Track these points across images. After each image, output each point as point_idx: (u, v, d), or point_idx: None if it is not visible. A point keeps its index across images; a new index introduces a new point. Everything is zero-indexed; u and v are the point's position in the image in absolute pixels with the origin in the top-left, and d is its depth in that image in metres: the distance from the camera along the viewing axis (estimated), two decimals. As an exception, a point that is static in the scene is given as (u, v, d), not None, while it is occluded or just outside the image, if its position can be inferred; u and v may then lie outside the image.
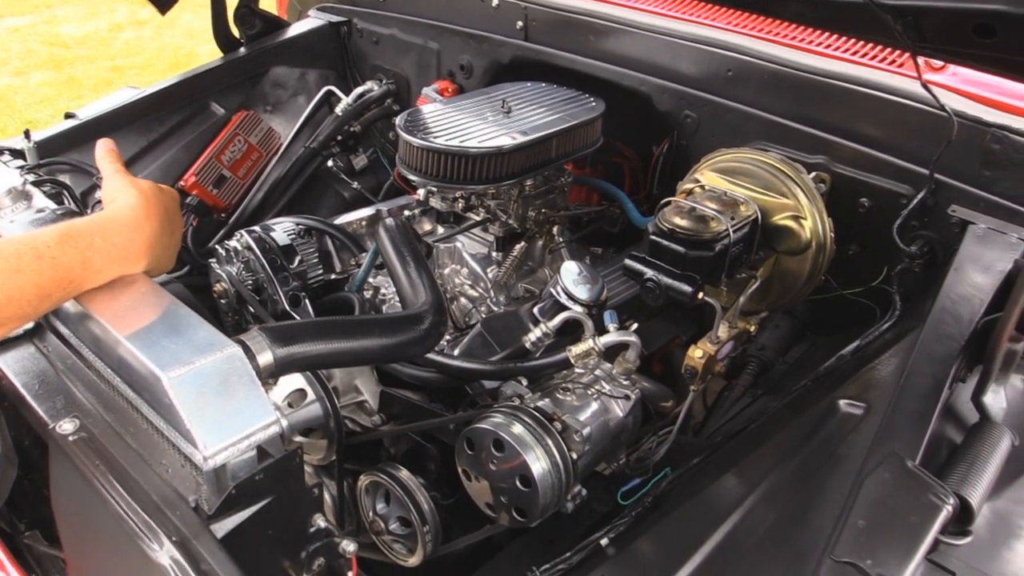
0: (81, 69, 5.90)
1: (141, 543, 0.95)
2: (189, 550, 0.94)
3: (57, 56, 6.21)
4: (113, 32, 6.61)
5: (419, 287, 1.43)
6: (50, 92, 5.36)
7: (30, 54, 6.22)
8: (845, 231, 1.70)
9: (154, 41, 6.45)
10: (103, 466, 1.04)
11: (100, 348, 1.15)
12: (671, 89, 1.88)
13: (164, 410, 1.04)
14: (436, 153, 1.71)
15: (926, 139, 1.57)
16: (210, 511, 1.00)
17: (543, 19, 2.10)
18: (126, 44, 6.44)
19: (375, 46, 2.48)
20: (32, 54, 6.22)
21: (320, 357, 1.17)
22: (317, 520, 1.16)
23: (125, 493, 1.00)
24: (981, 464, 1.25)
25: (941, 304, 1.39)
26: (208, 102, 2.34)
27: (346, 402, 1.75)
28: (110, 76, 5.68)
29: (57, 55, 6.23)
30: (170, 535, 0.95)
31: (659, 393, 1.79)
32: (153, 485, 1.02)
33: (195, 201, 2.19)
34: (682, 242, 1.43)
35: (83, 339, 1.19)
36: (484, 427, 1.37)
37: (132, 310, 1.13)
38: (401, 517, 1.64)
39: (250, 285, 1.79)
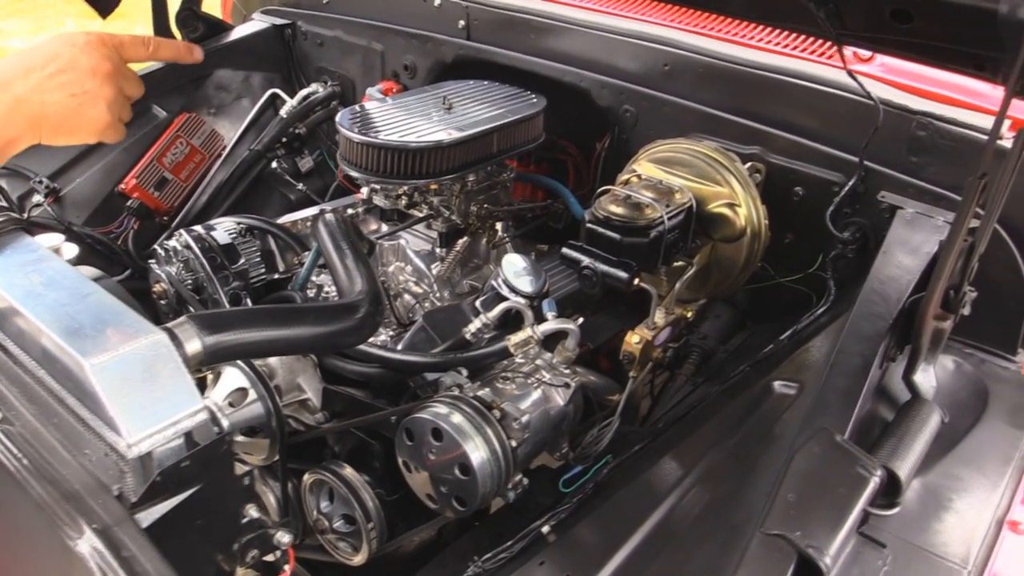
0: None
1: (61, 533, 0.93)
2: (110, 538, 0.92)
3: (3, 69, 6.09)
4: (62, 45, 6.49)
5: (355, 278, 1.43)
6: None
7: (-26, 67, 6.10)
8: (781, 220, 1.73)
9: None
10: (24, 457, 1.01)
11: (23, 340, 1.13)
12: (610, 84, 1.90)
13: (87, 399, 1.02)
14: (376, 148, 1.71)
15: (855, 127, 1.61)
16: (134, 500, 0.99)
17: (485, 18, 2.11)
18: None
19: (320, 48, 2.47)
20: (-24, 67, 6.10)
21: (251, 345, 1.16)
22: (249, 511, 1.15)
23: (46, 483, 0.98)
24: (910, 439, 1.27)
25: (870, 285, 1.42)
26: (150, 105, 2.31)
27: (289, 400, 1.73)
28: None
29: (3, 68, 6.11)
30: (91, 524, 0.93)
31: (605, 387, 1.80)
32: (75, 475, 1.00)
33: (136, 204, 2.16)
34: (617, 229, 1.44)
35: (7, 332, 1.17)
36: (423, 417, 1.37)
37: (57, 302, 1.11)
38: (345, 515, 1.63)
39: (190, 285, 1.77)
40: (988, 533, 1.22)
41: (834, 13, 1.33)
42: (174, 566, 1.04)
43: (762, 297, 1.83)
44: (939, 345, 1.44)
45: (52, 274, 1.18)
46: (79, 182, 2.14)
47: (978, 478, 1.31)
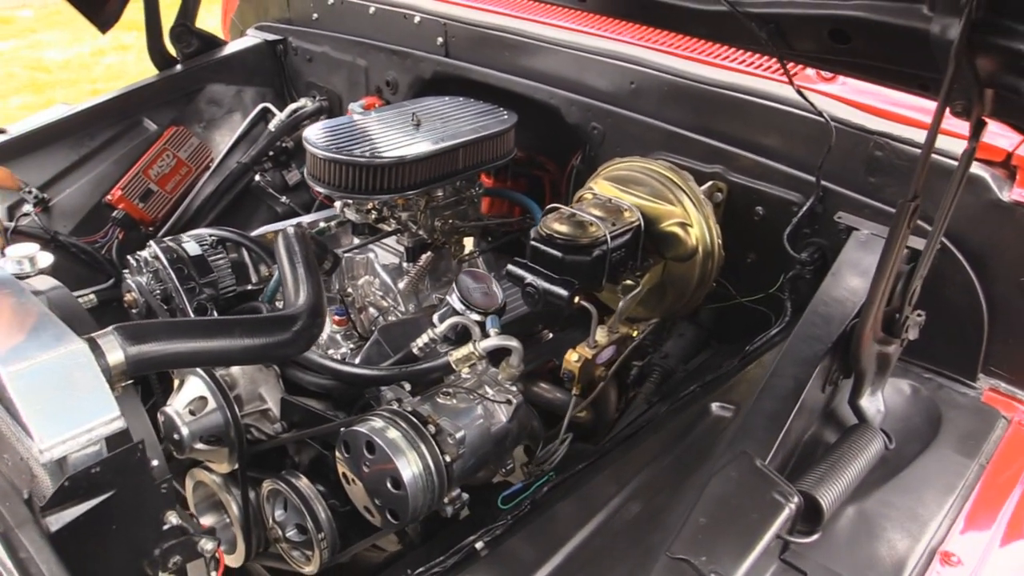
0: (61, 92, 5.97)
1: (-35, 535, 0.96)
2: (9, 540, 0.95)
3: (38, 80, 6.30)
4: (96, 57, 6.70)
5: (301, 291, 1.45)
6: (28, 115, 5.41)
7: (11, 78, 6.31)
8: (743, 239, 1.72)
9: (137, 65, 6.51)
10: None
11: (-41, 347, 1.17)
12: (578, 102, 1.91)
13: (7, 404, 1.05)
14: (339, 164, 1.73)
15: (814, 147, 1.60)
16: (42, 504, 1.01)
17: (462, 35, 2.13)
18: (108, 68, 6.53)
19: (309, 64, 2.52)
20: (13, 78, 6.31)
21: (176, 356, 1.19)
22: (170, 517, 1.16)
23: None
24: (843, 465, 1.25)
25: (814, 307, 1.40)
26: (141, 118, 2.37)
27: (250, 410, 1.75)
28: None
29: (38, 79, 6.31)
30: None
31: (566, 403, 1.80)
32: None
33: (121, 215, 2.22)
34: (560, 247, 1.45)
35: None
36: (357, 430, 1.38)
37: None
38: (299, 524, 1.65)
39: (159, 295, 1.81)
40: (919, 564, 1.20)
41: (776, 33, 1.33)
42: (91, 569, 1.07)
43: (726, 317, 1.81)
44: (886, 370, 1.41)
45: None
46: (68, 192, 2.21)
47: (916, 507, 1.29)
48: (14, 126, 2.24)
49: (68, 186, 2.22)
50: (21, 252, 1.71)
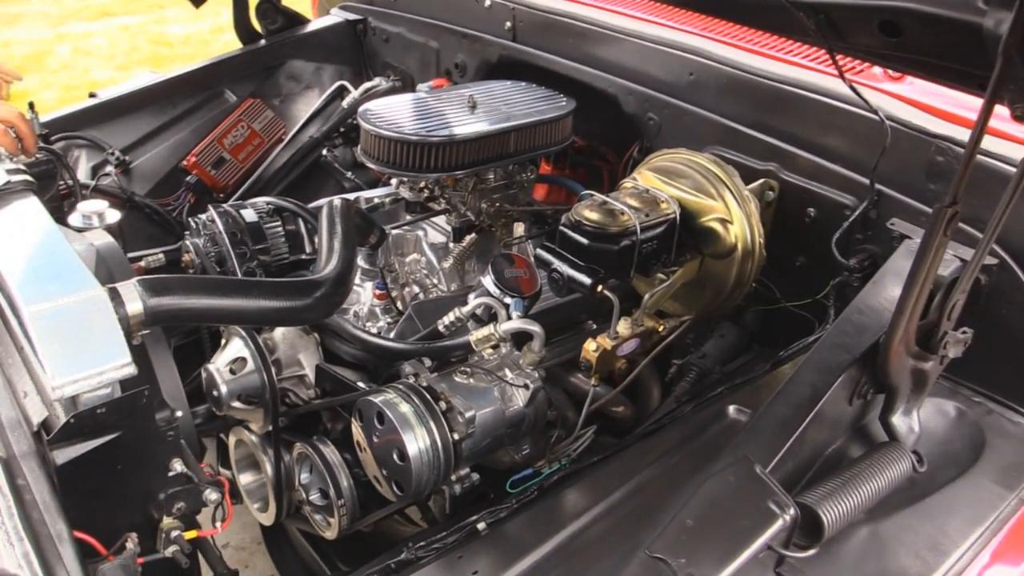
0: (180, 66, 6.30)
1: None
2: (10, 466, 1.01)
3: (159, 53, 6.64)
4: (215, 34, 7.01)
5: (332, 259, 1.48)
6: (147, 87, 5.73)
7: (135, 51, 6.68)
8: (792, 241, 1.65)
9: (252, 43, 6.80)
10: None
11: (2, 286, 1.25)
12: (636, 91, 1.87)
13: (30, 341, 1.12)
14: (389, 141, 1.76)
15: (872, 149, 1.52)
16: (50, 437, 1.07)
17: (529, 20, 2.13)
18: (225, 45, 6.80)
19: (386, 44, 2.56)
20: (137, 51, 6.68)
21: (193, 311, 1.23)
22: (175, 464, 1.21)
23: (-21, 413, 1.08)
24: (857, 482, 1.19)
25: (847, 315, 1.33)
26: (222, 89, 2.47)
27: (288, 375, 1.81)
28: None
29: (160, 52, 6.66)
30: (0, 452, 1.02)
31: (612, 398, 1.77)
32: (4, 407, 1.10)
33: (194, 180, 2.32)
34: (587, 234, 1.42)
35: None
36: (370, 400, 1.40)
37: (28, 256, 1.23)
38: (321, 489, 1.69)
39: (213, 257, 1.88)
40: (928, 596, 1.12)
41: (825, 24, 1.27)
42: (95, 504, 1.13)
43: (771, 321, 1.75)
44: (923, 388, 1.33)
45: (36, 231, 1.30)
46: (148, 156, 2.32)
47: (937, 535, 1.21)
48: (104, 91, 2.37)
49: (149, 150, 2.34)
50: (91, 208, 1.82)
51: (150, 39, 6.98)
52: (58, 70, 6.30)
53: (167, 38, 7.01)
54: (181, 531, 1.20)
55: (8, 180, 1.41)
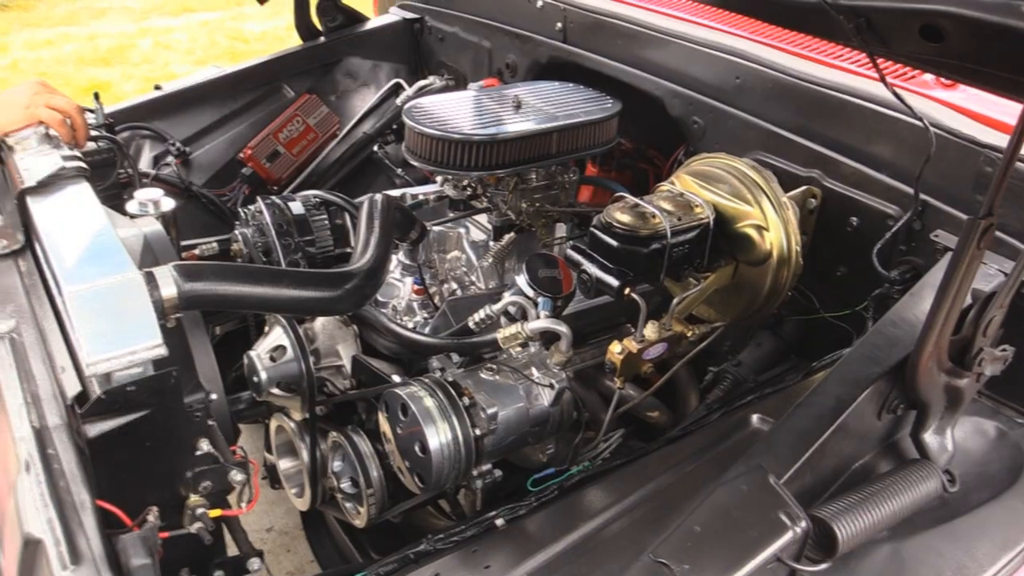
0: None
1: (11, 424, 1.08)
2: (43, 436, 1.06)
3: (236, 49, 6.85)
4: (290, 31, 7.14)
5: (367, 252, 1.50)
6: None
7: (213, 46, 6.91)
8: (834, 251, 1.62)
9: (324, 41, 6.96)
10: (12, 359, 1.18)
11: (48, 266, 1.31)
12: (681, 94, 1.86)
13: (68, 319, 1.17)
14: (432, 139, 1.78)
15: (919, 158, 1.47)
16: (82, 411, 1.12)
17: (579, 21, 2.12)
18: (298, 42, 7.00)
19: (441, 43, 2.59)
20: (215, 46, 6.91)
21: (225, 297, 1.27)
22: (202, 444, 1.25)
23: (17, 382, 1.14)
24: (879, 498, 1.16)
25: (880, 328, 1.30)
26: (281, 84, 2.54)
27: (326, 364, 1.85)
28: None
29: (236, 48, 6.87)
30: (33, 422, 1.08)
31: (646, 402, 1.77)
32: (44, 380, 1.16)
33: (249, 172, 2.39)
34: (617, 236, 1.42)
35: (45, 258, 1.36)
36: (395, 391, 1.43)
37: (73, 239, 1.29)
38: (352, 477, 1.72)
39: (260, 247, 1.94)
40: (948, 620, 1.09)
41: (865, 28, 1.24)
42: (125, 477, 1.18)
43: (810, 331, 1.71)
44: (958, 405, 1.29)
45: (83, 216, 1.36)
46: (207, 148, 2.40)
47: (964, 558, 1.17)
48: (168, 84, 2.46)
49: (208, 142, 2.42)
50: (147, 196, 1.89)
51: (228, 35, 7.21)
52: (139, 63, 6.56)
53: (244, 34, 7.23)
54: (206, 509, 1.25)
55: (62, 166, 1.48)
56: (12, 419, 1.09)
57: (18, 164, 1.51)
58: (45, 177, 1.44)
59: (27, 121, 1.60)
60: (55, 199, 1.42)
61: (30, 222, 1.42)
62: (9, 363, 1.19)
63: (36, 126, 1.61)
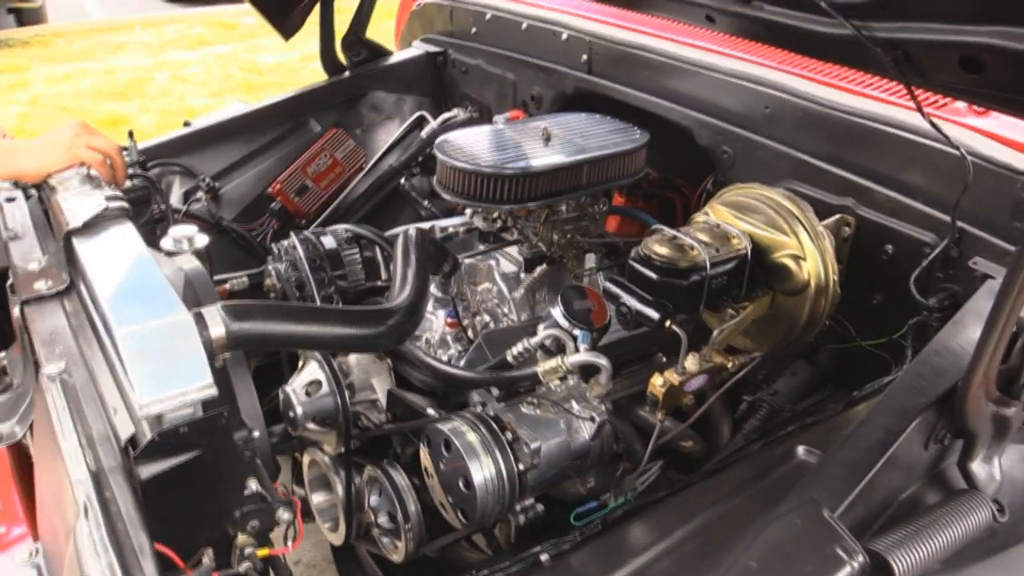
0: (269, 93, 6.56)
1: (66, 467, 1.09)
2: (100, 479, 1.07)
3: (251, 81, 6.94)
4: (304, 62, 7.27)
5: (406, 288, 1.52)
6: (235, 113, 6.00)
7: (228, 78, 7.00)
8: (869, 279, 1.62)
9: (337, 72, 7.05)
10: (64, 402, 1.20)
11: (96, 307, 1.33)
12: (710, 124, 1.87)
13: (120, 360, 1.18)
14: (464, 173, 1.79)
15: (953, 185, 1.48)
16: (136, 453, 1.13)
17: (605, 53, 2.15)
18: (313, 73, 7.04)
19: (465, 75, 2.62)
20: (230, 78, 6.99)
21: (272, 336, 1.29)
22: (251, 483, 1.26)
23: (71, 425, 1.15)
24: (932, 530, 1.15)
25: (924, 357, 1.30)
26: (308, 119, 2.57)
27: (361, 399, 1.85)
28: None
29: (251, 80, 6.96)
30: (90, 464, 1.09)
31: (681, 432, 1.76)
32: (97, 423, 1.17)
33: (278, 206, 2.41)
34: (656, 269, 1.42)
35: (92, 299, 1.38)
36: (438, 427, 1.43)
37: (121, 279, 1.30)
38: (390, 512, 1.72)
39: (293, 282, 1.95)
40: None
41: (903, 59, 1.25)
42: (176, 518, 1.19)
43: (846, 359, 1.71)
44: (1005, 434, 1.28)
45: (129, 256, 1.38)
46: (236, 183, 2.43)
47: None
48: (197, 120, 2.49)
49: (237, 177, 2.45)
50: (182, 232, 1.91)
51: (243, 67, 7.29)
52: (157, 96, 6.65)
53: (259, 66, 7.32)
54: (254, 548, 1.25)
55: (106, 206, 1.51)
56: (68, 462, 1.10)
57: (62, 205, 1.53)
58: (90, 218, 1.46)
59: (70, 162, 1.63)
60: (101, 240, 1.44)
61: (76, 263, 1.44)
62: (62, 405, 1.20)
63: (78, 167, 1.64)
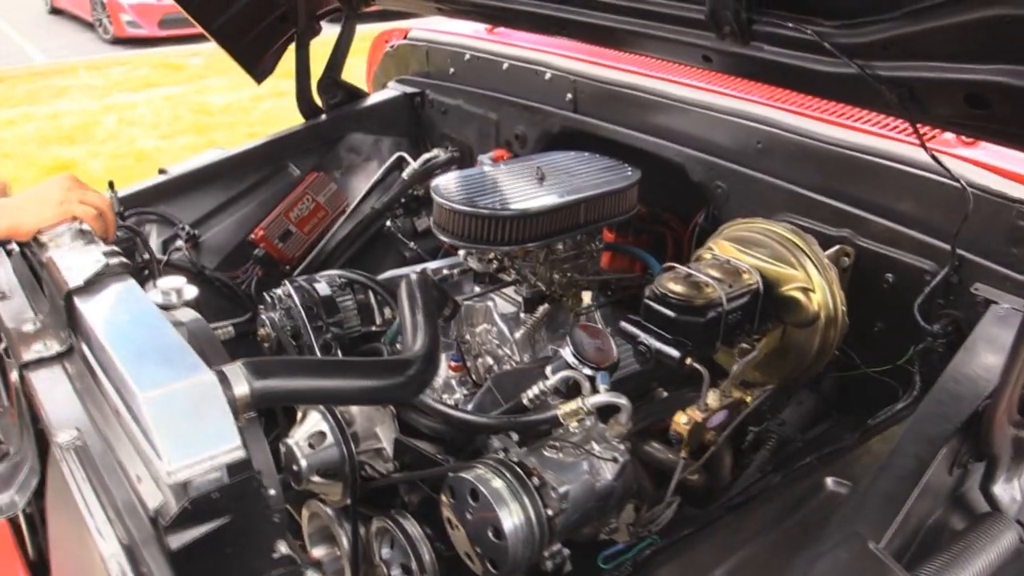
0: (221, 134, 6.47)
1: (96, 542, 1.04)
2: (134, 554, 1.02)
3: (201, 122, 6.85)
4: (255, 102, 7.21)
5: (419, 336, 1.50)
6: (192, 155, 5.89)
7: (178, 120, 6.90)
8: (870, 307, 1.65)
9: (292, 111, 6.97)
10: (83, 472, 1.14)
11: (107, 370, 1.28)
12: (703, 160, 1.90)
13: (142, 426, 1.14)
14: (463, 215, 1.79)
15: (950, 214, 1.53)
16: (166, 523, 1.08)
17: (590, 92, 2.17)
18: (264, 113, 7.01)
19: (444, 116, 2.63)
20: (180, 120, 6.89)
21: (297, 392, 1.25)
22: (280, 546, 1.22)
23: (94, 496, 1.10)
24: (968, 556, 1.17)
25: (942, 384, 1.33)
26: (286, 163, 2.54)
27: (365, 448, 1.82)
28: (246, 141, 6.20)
29: (202, 121, 6.86)
30: (121, 538, 1.04)
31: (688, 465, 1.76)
32: (122, 492, 1.12)
33: (262, 253, 2.37)
34: (673, 307, 1.44)
35: (99, 361, 1.33)
36: (463, 476, 1.41)
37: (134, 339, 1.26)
38: (403, 564, 1.68)
39: (289, 331, 1.91)
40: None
41: (908, 97, 1.29)
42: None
43: (850, 387, 1.74)
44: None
45: (139, 314, 1.33)
46: (217, 230, 2.38)
47: (1050, 610, 1.18)
48: (173, 167, 2.44)
49: (217, 224, 2.40)
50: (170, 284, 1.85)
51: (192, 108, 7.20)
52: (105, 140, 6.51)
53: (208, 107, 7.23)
54: (285, 613, 1.21)
55: (106, 263, 1.46)
56: (97, 537, 1.05)
57: (58, 263, 1.48)
58: (91, 275, 1.41)
59: (61, 217, 1.57)
60: (105, 298, 1.39)
61: (79, 323, 1.39)
62: (81, 476, 1.14)
63: (70, 222, 1.59)
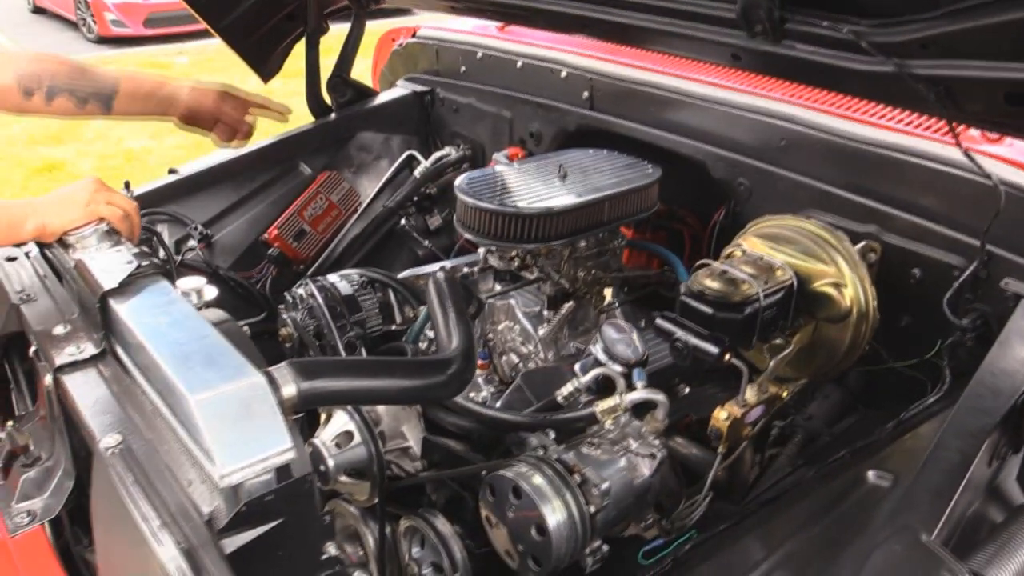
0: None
1: (153, 549, 1.03)
2: (194, 558, 1.01)
3: (192, 120, 6.77)
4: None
5: (454, 335, 1.49)
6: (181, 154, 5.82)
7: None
8: (897, 302, 1.67)
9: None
10: (132, 477, 1.13)
11: (148, 373, 1.27)
12: (725, 157, 1.91)
13: (191, 429, 1.13)
14: (488, 213, 1.79)
15: (978, 210, 1.54)
16: (221, 526, 1.08)
17: (607, 90, 2.18)
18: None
19: (455, 114, 2.62)
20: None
21: (342, 393, 1.25)
22: (329, 548, 1.22)
23: (146, 502, 1.09)
24: (1014, 546, 1.18)
25: (980, 378, 1.34)
26: (297, 162, 2.53)
27: (392, 447, 1.81)
28: (240, 141, 6.13)
29: (192, 120, 6.78)
30: (179, 543, 1.03)
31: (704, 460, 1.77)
32: (173, 497, 1.11)
33: (276, 252, 2.36)
34: (711, 303, 1.44)
35: (137, 364, 1.31)
36: (504, 474, 1.41)
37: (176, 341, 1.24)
38: (434, 563, 1.68)
39: (311, 331, 1.90)
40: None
41: (945, 95, 1.30)
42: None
43: (876, 381, 1.75)
44: (1059, 447, 1.34)
45: (178, 316, 1.32)
46: (229, 230, 2.37)
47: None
48: (184, 167, 2.42)
49: (228, 224, 2.38)
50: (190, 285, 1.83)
51: (182, 108, 7.11)
52: (93, 140, 6.42)
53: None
54: (333, 615, 1.21)
55: (139, 264, 1.44)
56: (152, 543, 1.04)
57: (90, 264, 1.46)
58: (126, 277, 1.40)
59: (88, 219, 1.56)
60: (141, 300, 1.37)
61: (114, 325, 1.37)
62: (130, 480, 1.13)
63: (96, 223, 1.57)
